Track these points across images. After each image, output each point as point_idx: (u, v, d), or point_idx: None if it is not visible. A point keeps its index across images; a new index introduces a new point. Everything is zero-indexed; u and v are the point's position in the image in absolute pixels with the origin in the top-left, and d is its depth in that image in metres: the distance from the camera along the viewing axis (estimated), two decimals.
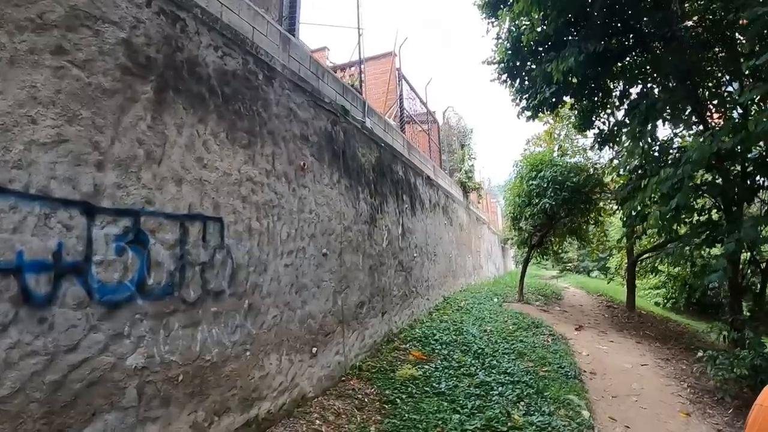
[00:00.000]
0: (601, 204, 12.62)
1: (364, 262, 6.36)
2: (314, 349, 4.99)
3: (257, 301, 4.24)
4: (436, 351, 6.53)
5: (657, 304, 20.69)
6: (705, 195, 7.36)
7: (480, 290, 14.00)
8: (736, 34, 7.91)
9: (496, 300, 11.99)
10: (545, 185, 10.69)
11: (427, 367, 5.85)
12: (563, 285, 21.97)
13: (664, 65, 6.93)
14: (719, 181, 7.32)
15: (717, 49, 8.29)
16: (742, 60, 5.15)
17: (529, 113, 9.70)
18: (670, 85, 7.01)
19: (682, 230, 7.64)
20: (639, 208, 7.58)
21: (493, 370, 5.84)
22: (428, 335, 7.25)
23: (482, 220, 21.34)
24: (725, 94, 8.42)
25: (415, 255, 8.78)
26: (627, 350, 8.69)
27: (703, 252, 8.39)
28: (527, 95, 9.55)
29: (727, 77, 8.46)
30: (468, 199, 16.86)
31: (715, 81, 8.52)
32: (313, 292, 5.06)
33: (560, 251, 22.45)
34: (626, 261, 19.02)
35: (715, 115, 8.74)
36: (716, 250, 7.29)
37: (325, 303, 5.29)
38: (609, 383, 6.54)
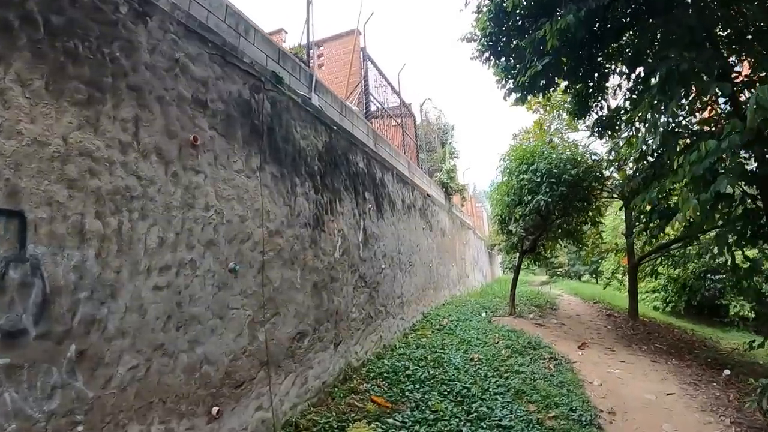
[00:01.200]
0: (600, 202, 11.19)
1: (304, 279, 4.76)
2: (216, 409, 3.37)
3: (97, 344, 2.64)
4: (407, 393, 4.91)
5: (656, 308, 19.52)
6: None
7: (466, 303, 12.44)
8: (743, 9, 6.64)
9: (484, 314, 10.43)
10: (538, 179, 9.17)
11: (391, 421, 4.23)
12: (556, 292, 20.51)
13: (685, 20, 5.50)
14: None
15: (720, 27, 6.98)
16: None
17: (517, 94, 8.25)
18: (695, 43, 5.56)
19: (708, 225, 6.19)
20: (657, 200, 6.14)
21: (482, 423, 4.23)
22: (398, 369, 5.65)
23: (467, 224, 19.85)
24: (733, 75, 7.09)
25: (383, 266, 7.20)
26: (643, 373, 7.17)
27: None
28: (514, 73, 8.11)
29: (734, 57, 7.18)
30: (450, 202, 15.37)
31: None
32: (212, 325, 3.45)
33: (551, 256, 21.04)
34: (623, 264, 17.74)
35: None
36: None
37: (236, 340, 3.67)
38: (634, 426, 4.99)
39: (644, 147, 5.98)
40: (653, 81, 6.17)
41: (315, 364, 4.78)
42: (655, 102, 5.50)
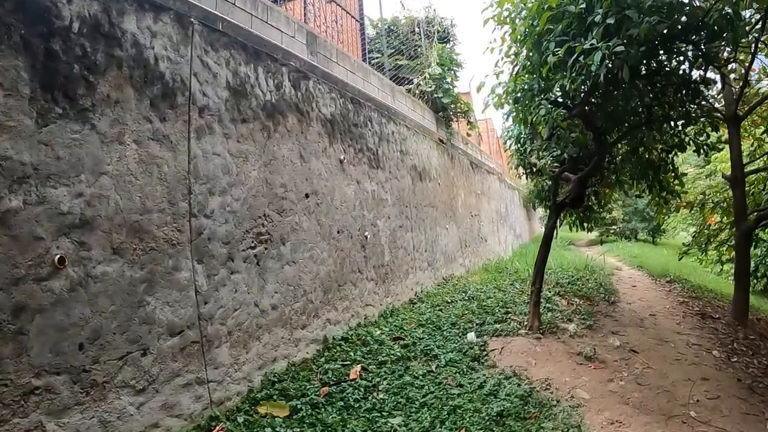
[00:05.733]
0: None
1: None
2: None
3: None
4: None
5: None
6: None
7: (456, 295, 7.24)
8: None
9: (471, 336, 5.24)
10: (591, 4, 3.59)
11: None
12: (611, 261, 14.67)
13: None
14: None
15: None
16: None
17: None
18: None
19: None
20: None
21: None
22: None
23: (486, 167, 14.24)
24: None
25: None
26: None
27: None
28: None
29: None
30: (449, 130, 9.91)
31: None
32: None
33: (604, 211, 15.19)
34: (711, 224, 11.93)
35: None
36: None
37: None
38: None
39: None
40: None
41: None
42: None
